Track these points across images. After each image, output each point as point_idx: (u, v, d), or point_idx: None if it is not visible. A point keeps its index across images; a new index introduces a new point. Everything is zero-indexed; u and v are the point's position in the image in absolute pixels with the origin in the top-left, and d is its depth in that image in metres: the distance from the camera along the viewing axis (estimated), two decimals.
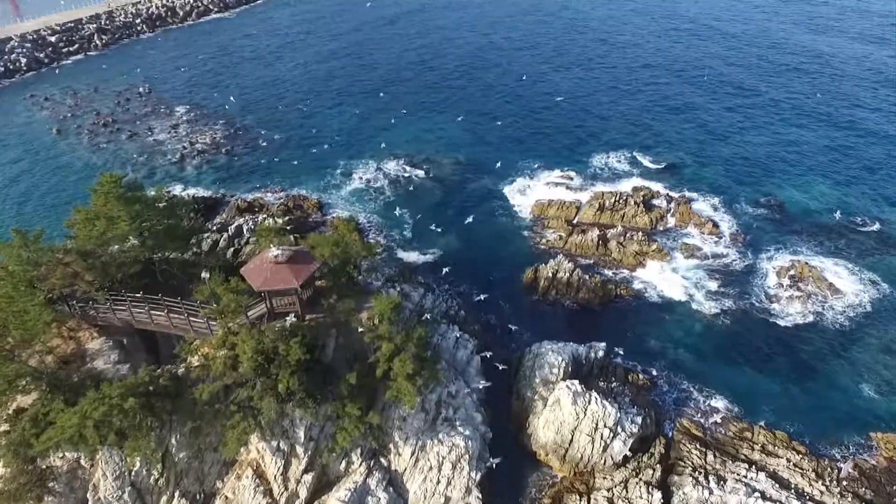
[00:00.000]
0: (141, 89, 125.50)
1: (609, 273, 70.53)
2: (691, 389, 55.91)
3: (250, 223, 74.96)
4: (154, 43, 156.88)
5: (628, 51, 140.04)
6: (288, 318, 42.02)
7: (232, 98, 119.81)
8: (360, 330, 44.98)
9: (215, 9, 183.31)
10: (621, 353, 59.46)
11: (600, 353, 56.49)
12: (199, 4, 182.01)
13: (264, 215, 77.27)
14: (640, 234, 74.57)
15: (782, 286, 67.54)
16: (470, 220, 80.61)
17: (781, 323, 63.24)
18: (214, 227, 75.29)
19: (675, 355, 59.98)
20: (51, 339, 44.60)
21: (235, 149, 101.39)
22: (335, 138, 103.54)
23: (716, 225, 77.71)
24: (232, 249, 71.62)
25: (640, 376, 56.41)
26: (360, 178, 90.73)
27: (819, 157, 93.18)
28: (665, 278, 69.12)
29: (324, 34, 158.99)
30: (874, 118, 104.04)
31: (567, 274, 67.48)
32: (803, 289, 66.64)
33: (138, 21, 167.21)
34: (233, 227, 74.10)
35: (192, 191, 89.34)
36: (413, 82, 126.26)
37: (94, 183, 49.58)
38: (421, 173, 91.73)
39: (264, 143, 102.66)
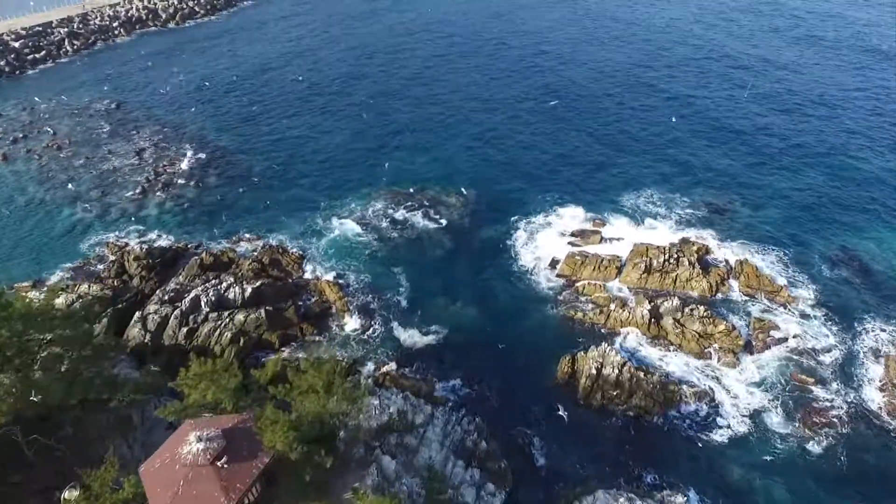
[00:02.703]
0: (108, 104, 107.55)
1: (668, 364, 53.31)
2: None
3: (211, 293, 57.38)
4: (131, 49, 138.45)
5: (653, 68, 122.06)
6: None
7: (208, 115, 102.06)
8: None
9: (201, 11, 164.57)
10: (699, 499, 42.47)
11: None
12: (184, 6, 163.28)
13: (229, 281, 59.61)
14: (702, 307, 57.25)
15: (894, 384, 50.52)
16: (482, 280, 64.20)
17: None
18: (166, 297, 57.78)
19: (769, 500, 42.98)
20: None
21: (207, 180, 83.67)
22: (321, 167, 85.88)
23: (790, 291, 60.57)
24: (185, 330, 54.22)
25: None
26: (350, 222, 73.13)
27: None
28: (741, 374, 51.99)
29: (314, 41, 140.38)
30: None
31: (615, 370, 50.31)
32: None
33: (115, 24, 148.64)
34: (188, 298, 56.57)
35: (150, 237, 71.74)
36: (409, 100, 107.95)
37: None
38: (420, 217, 74.16)
39: (240, 174, 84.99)
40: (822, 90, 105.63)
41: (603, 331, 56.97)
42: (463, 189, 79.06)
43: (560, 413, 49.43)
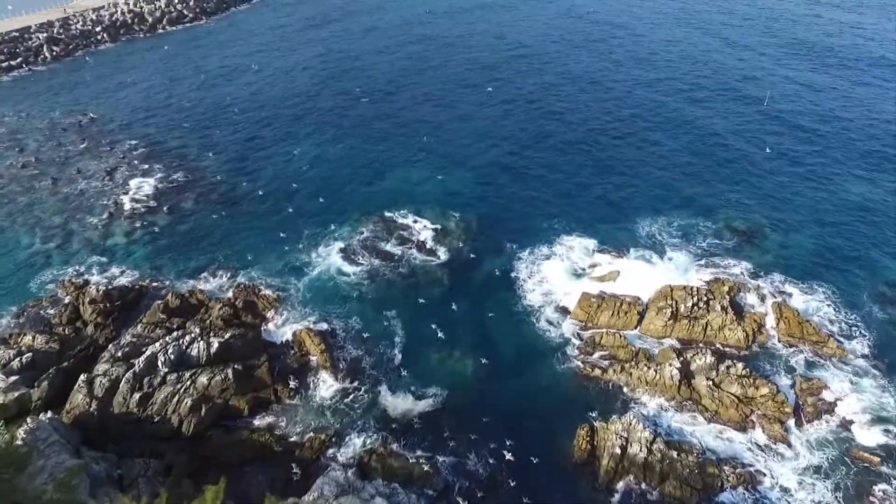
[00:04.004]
0: (83, 116, 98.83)
1: (704, 438, 44.72)
2: None
3: (171, 349, 48.77)
4: (113, 56, 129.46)
5: (665, 79, 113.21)
6: None
7: (190, 130, 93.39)
8: None
9: (190, 14, 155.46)
10: None
11: None
12: (172, 10, 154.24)
13: (194, 333, 50.94)
14: (740, 365, 48.60)
15: None
16: (484, 326, 55.84)
17: None
18: (119, 353, 49.21)
19: None
20: None
21: (182, 204, 75.00)
22: (307, 190, 76.95)
23: (838, 341, 51.98)
24: (138, 396, 45.68)
25: None
26: (335, 256, 64.44)
27: None
28: (791, 451, 43.48)
29: (307, 52, 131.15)
30: None
31: (643, 448, 41.77)
32: None
33: (98, 29, 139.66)
34: (144, 357, 47.93)
35: (112, 272, 63.15)
36: (404, 112, 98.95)
37: None
38: (414, 248, 65.59)
39: (219, 197, 76.34)
40: (850, 100, 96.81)
41: (625, 392, 48.41)
42: (460, 215, 70.50)
43: (579, 503, 40.92)
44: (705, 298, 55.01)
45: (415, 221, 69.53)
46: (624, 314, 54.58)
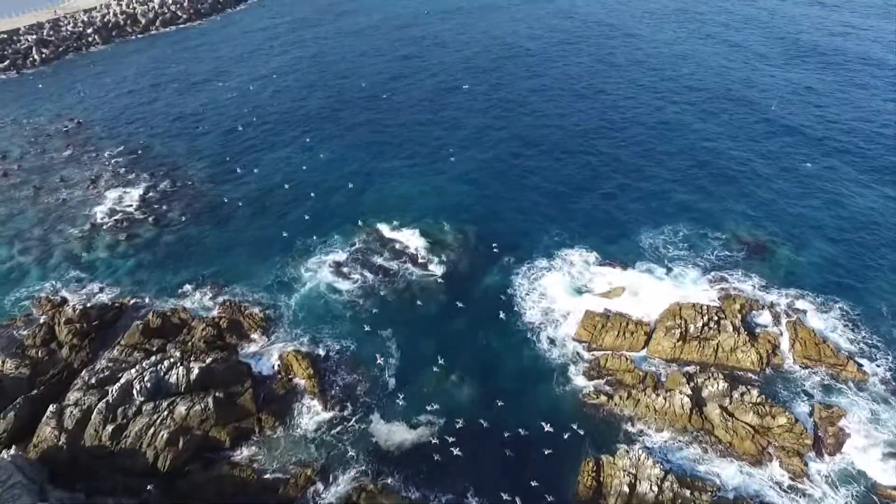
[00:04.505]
0: (69, 122, 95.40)
1: (718, 472, 41.38)
2: None
3: (147, 376, 45.40)
4: (105, 58, 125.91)
5: (668, 85, 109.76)
6: None
7: (180, 136, 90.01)
8: None
9: (184, 16, 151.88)
10: None
11: None
12: (165, 11, 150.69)
13: (174, 357, 47.56)
14: (755, 392, 45.26)
15: None
16: (483, 346, 53.10)
17: None
18: (93, 380, 45.86)
19: None
20: None
21: (169, 214, 71.66)
22: (298, 200, 73.49)
23: (858, 363, 48.68)
24: (111, 428, 42.37)
25: None
26: (326, 271, 61.07)
27: None
28: (811, 488, 40.13)
29: (303, 53, 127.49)
30: None
31: (653, 487, 38.48)
32: None
33: (90, 31, 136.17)
34: (118, 385, 44.57)
35: (92, 288, 59.77)
36: (398, 115, 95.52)
37: None
38: (408, 261, 62.25)
39: (207, 207, 72.99)
40: (860, 107, 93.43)
41: (632, 421, 45.08)
42: (456, 225, 67.14)
43: None
44: (716, 318, 51.67)
45: (409, 233, 66.11)
46: (630, 335, 51.26)
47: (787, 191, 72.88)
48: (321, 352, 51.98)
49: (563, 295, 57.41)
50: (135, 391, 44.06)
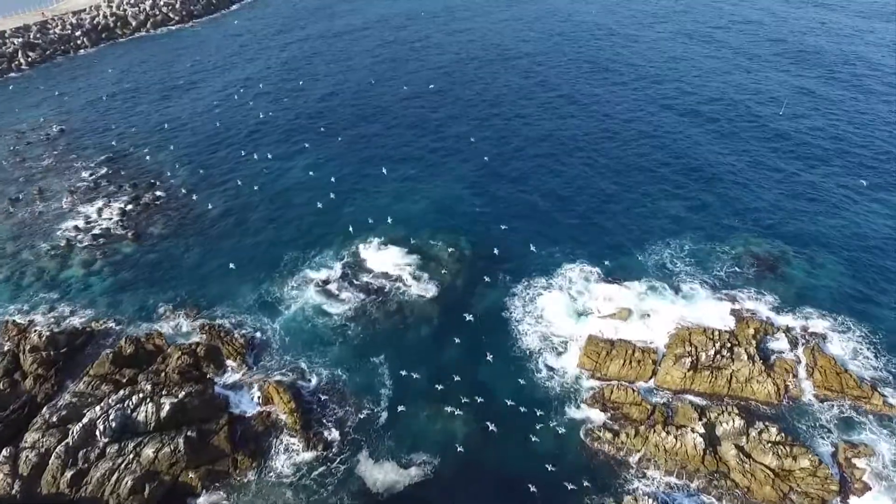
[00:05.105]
0: (52, 129, 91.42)
1: None
2: None
3: (113, 414, 41.41)
4: (92, 62, 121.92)
5: (670, 92, 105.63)
6: None
7: (166, 144, 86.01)
8: None
9: (176, 17, 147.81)
10: None
11: None
12: (157, 13, 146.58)
13: (144, 392, 43.55)
14: (773, 429, 41.32)
15: None
16: (479, 375, 49.25)
17: None
18: (55, 418, 41.89)
19: None
20: None
21: (150, 229, 67.72)
22: (286, 212, 69.64)
23: (884, 394, 44.74)
24: (71, 473, 38.43)
25: None
26: (313, 291, 57.06)
27: None
28: None
29: (296, 55, 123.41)
30: None
31: None
32: None
33: (78, 33, 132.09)
34: (80, 425, 40.61)
35: (62, 310, 55.80)
36: (390, 126, 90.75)
37: None
38: (401, 279, 58.19)
39: (191, 220, 69.04)
40: (872, 116, 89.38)
41: (640, 462, 41.12)
42: (451, 240, 63.08)
43: None
44: (729, 344, 47.74)
45: (400, 248, 62.05)
46: (637, 363, 47.32)
47: (797, 202, 68.86)
48: (306, 381, 48.10)
49: (563, 317, 53.44)
50: (98, 431, 40.11)
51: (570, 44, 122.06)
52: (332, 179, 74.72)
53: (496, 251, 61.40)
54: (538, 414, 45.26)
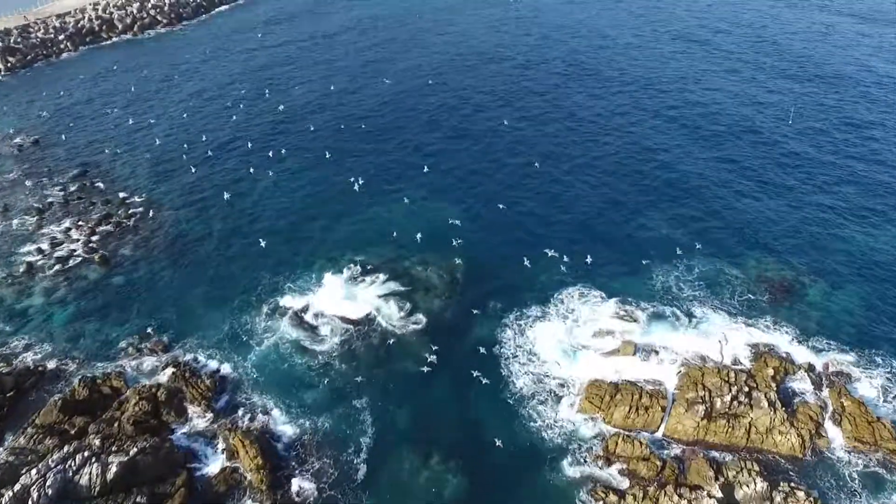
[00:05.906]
0: (25, 140, 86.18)
1: None
2: None
3: (51, 478, 36.21)
4: (74, 67, 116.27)
5: (674, 104, 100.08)
6: None
7: (143, 155, 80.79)
8: None
9: (164, 20, 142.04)
10: None
11: None
12: (144, 16, 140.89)
13: (91, 448, 38.37)
14: (800, 493, 36.11)
15: None
16: (468, 421, 44.59)
17: None
18: None
19: None
20: None
21: (121, 251, 62.55)
22: (266, 231, 64.18)
23: None
24: None
25: None
26: (287, 324, 51.68)
27: None
28: None
29: (285, 60, 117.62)
30: None
31: None
32: None
33: (62, 37, 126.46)
34: (9, 494, 35.40)
35: (15, 346, 50.62)
36: (378, 138, 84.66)
37: None
38: (385, 308, 52.97)
39: (164, 241, 63.86)
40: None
41: None
42: (440, 263, 57.98)
43: None
44: (746, 388, 42.53)
45: (384, 274, 56.86)
46: (644, 410, 42.12)
47: (810, 222, 63.58)
48: (279, 429, 42.93)
49: (560, 354, 48.26)
50: (31, 500, 34.95)
51: (572, 61, 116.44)
52: (312, 198, 69.48)
53: (488, 274, 56.40)
54: (532, 469, 40.14)
